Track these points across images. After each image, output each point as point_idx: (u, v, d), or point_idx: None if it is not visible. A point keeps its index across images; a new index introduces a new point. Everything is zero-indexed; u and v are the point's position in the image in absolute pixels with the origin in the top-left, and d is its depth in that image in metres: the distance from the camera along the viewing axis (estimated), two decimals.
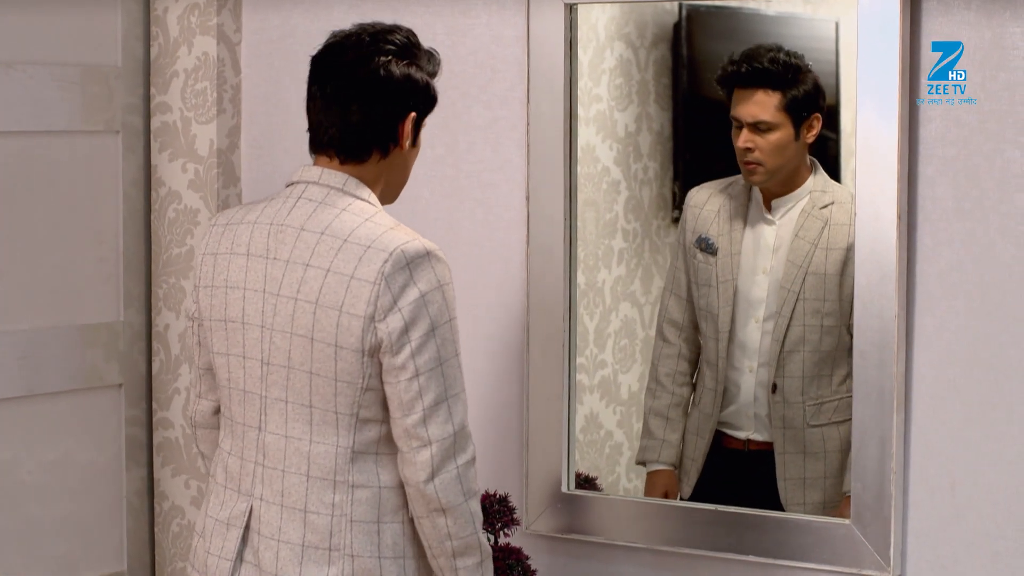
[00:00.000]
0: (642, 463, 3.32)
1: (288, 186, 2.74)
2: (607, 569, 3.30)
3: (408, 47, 2.72)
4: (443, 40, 3.43)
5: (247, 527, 2.71)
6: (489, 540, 3.15)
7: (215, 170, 3.68)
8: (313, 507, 2.64)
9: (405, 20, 3.42)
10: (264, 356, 2.67)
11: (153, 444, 3.79)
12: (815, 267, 3.11)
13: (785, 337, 3.14)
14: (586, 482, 3.32)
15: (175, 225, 3.72)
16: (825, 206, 3.12)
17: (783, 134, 3.12)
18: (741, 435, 3.22)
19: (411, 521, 2.68)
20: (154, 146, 3.75)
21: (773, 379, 3.16)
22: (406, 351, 2.58)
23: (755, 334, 3.18)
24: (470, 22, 3.43)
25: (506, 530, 3.16)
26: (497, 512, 3.15)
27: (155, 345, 3.77)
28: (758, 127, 3.13)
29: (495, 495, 3.16)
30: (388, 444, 2.66)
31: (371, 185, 2.72)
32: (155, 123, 3.74)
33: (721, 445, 3.24)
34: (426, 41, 2.76)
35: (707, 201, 3.23)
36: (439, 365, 2.60)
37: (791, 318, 3.13)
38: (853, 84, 2.98)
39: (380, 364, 2.61)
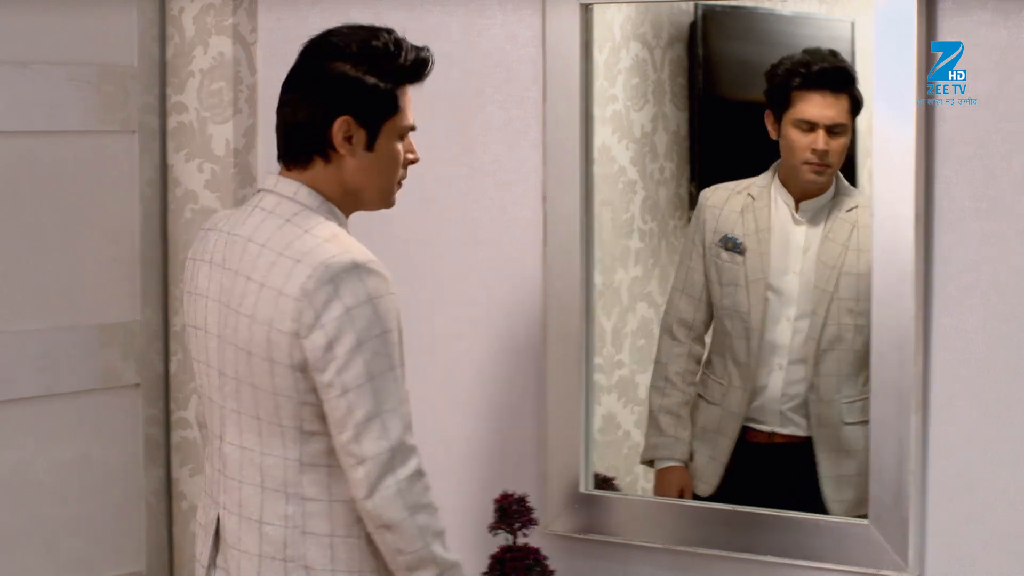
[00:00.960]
0: (649, 462, 3.31)
1: (255, 193, 2.71)
2: (625, 569, 3.31)
3: (364, 47, 2.58)
4: (458, 40, 3.43)
5: (216, 534, 2.70)
6: (508, 540, 3.17)
7: (231, 170, 3.68)
8: (268, 518, 2.60)
9: (420, 20, 3.43)
10: (220, 366, 2.64)
11: (171, 444, 3.80)
12: (848, 267, 3.10)
13: (821, 336, 3.13)
14: (604, 482, 3.32)
15: (192, 225, 3.72)
16: (850, 209, 3.11)
17: (848, 137, 3.09)
18: (766, 428, 3.22)
19: (369, 535, 2.61)
20: (170, 146, 3.75)
21: (810, 378, 3.15)
22: (332, 368, 2.50)
23: (786, 332, 3.18)
24: (485, 22, 3.42)
25: (524, 530, 3.18)
26: (515, 512, 3.16)
27: (172, 345, 3.77)
28: (833, 130, 3.09)
29: (513, 495, 3.17)
30: None
31: (327, 193, 2.63)
32: (171, 123, 3.75)
33: (744, 439, 3.24)
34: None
35: (727, 201, 3.22)
36: (368, 381, 2.50)
37: (826, 317, 3.12)
38: (869, 84, 2.99)
39: (314, 380, 2.55)
